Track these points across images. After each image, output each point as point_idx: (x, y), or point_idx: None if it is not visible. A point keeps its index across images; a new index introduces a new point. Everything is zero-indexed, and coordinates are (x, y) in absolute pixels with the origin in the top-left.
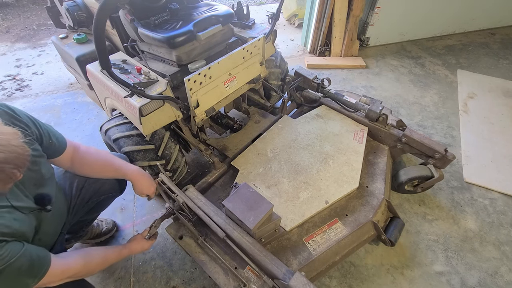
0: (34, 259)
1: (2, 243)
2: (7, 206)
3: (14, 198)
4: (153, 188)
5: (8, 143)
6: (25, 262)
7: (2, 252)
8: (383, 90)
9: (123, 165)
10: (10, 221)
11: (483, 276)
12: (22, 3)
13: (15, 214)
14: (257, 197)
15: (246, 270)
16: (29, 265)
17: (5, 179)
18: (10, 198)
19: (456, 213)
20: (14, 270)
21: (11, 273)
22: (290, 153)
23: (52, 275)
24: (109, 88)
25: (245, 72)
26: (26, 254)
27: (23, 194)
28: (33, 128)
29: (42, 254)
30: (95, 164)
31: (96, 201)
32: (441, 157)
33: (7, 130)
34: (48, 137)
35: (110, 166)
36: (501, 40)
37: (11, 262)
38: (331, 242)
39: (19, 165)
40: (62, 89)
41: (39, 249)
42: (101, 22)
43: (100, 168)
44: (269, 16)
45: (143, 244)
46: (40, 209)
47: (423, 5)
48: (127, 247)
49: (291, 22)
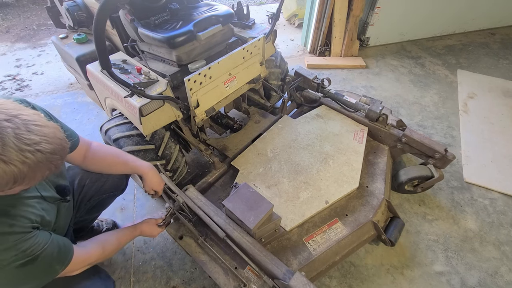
0: (61, 247)
1: (37, 230)
2: (38, 196)
3: (42, 188)
4: (162, 184)
5: (55, 135)
6: (55, 249)
7: (38, 239)
8: (383, 90)
9: (134, 159)
10: (40, 211)
11: (483, 276)
12: (22, 3)
13: (43, 204)
14: (257, 197)
15: (246, 270)
16: (58, 252)
17: (51, 169)
18: (39, 188)
19: (456, 213)
20: (48, 256)
21: (46, 258)
22: (290, 153)
23: (76, 263)
24: (109, 88)
25: (245, 72)
26: (54, 242)
27: (48, 185)
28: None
29: (67, 243)
30: (107, 159)
31: (98, 199)
32: (441, 157)
33: (52, 124)
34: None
35: (121, 161)
36: (501, 40)
37: (45, 248)
38: (331, 242)
39: (62, 156)
40: (62, 89)
41: (63, 238)
42: (101, 22)
43: (112, 163)
44: (269, 16)
45: (153, 229)
46: (61, 200)
47: (423, 5)
48: (138, 228)
49: (291, 22)
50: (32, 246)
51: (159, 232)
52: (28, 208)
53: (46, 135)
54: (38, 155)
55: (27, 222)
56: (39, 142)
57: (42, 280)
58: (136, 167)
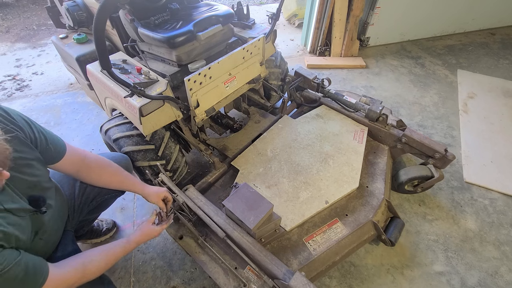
0: (29, 269)
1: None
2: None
3: (7, 200)
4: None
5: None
6: (21, 272)
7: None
8: (383, 90)
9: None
10: (4, 226)
11: (483, 276)
12: (22, 3)
13: (9, 218)
14: (257, 197)
15: (246, 270)
16: (25, 275)
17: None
18: (2, 201)
19: (456, 213)
20: (10, 279)
21: (7, 282)
22: (290, 153)
23: (49, 286)
24: (109, 88)
25: (245, 72)
26: (21, 263)
27: (18, 196)
28: (27, 131)
29: (38, 265)
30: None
31: (100, 200)
32: (441, 157)
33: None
34: (44, 142)
35: (117, 180)
36: (501, 40)
37: (6, 271)
38: (331, 242)
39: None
40: (62, 89)
41: (36, 258)
42: (101, 22)
43: (107, 182)
44: (269, 16)
45: (151, 231)
46: (35, 211)
47: (423, 5)
48: (132, 241)
49: (291, 22)
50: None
51: (159, 230)
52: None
53: None
54: None
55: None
56: None
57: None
58: (133, 185)
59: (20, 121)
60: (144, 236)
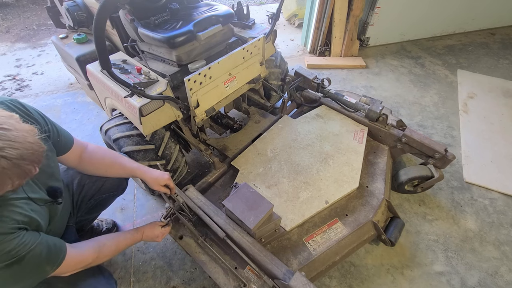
0: (51, 247)
1: (23, 231)
2: (25, 197)
3: (30, 190)
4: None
5: (25, 140)
6: (44, 249)
7: (24, 239)
8: (383, 90)
9: (131, 162)
10: (28, 211)
11: (483, 276)
12: (22, 3)
13: (32, 205)
14: (257, 197)
15: (246, 270)
16: (47, 252)
17: (21, 174)
18: (26, 190)
19: (456, 213)
20: (35, 256)
21: (33, 259)
22: (290, 153)
23: (68, 264)
24: (109, 88)
25: (245, 72)
26: (43, 242)
27: (38, 186)
28: (42, 124)
29: (58, 243)
30: (104, 162)
31: (98, 199)
32: (441, 157)
33: (23, 127)
34: (56, 134)
35: (118, 163)
36: (501, 40)
37: (32, 249)
38: (331, 242)
39: (34, 161)
40: (62, 89)
41: (54, 238)
42: (101, 22)
43: (108, 166)
44: (269, 16)
45: (157, 231)
46: (52, 202)
47: (423, 5)
48: (140, 231)
49: (291, 22)
50: (17, 247)
51: (164, 234)
52: (14, 208)
53: (12, 139)
54: (2, 162)
55: (12, 222)
56: (2, 147)
57: (31, 281)
58: (133, 170)
59: (35, 114)
60: (151, 231)
